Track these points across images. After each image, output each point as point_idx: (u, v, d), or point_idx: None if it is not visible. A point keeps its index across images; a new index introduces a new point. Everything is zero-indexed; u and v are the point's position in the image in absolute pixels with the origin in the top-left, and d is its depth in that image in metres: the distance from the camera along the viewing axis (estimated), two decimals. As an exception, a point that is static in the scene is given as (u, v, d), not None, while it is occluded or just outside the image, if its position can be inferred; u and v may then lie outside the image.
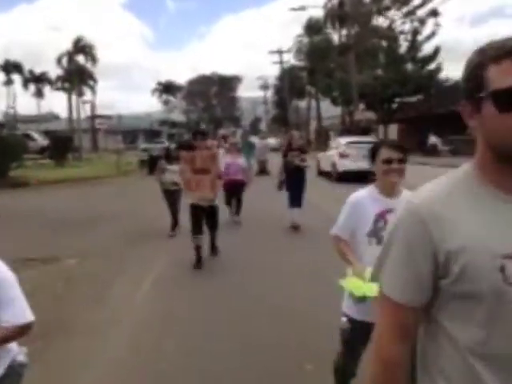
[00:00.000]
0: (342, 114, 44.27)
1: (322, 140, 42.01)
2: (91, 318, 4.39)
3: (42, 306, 4.71)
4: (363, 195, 2.45)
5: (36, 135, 32.13)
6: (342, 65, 36.65)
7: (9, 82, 51.35)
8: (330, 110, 52.06)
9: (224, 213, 8.15)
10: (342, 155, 15.86)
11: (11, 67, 50.50)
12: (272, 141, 35.59)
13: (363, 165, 12.12)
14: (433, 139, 26.26)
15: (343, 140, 17.49)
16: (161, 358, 3.52)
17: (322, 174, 18.18)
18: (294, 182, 8.25)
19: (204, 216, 6.12)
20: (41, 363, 3.52)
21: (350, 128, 36.40)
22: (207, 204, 6.03)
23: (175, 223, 8.08)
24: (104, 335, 3.98)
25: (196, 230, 5.96)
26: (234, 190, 8.83)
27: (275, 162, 19.45)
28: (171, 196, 8.06)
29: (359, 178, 11.87)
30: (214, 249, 6.60)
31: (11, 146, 16.12)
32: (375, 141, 21.19)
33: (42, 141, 30.28)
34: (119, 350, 3.70)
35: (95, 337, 3.97)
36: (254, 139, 19.95)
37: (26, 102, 67.03)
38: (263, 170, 18.85)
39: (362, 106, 34.67)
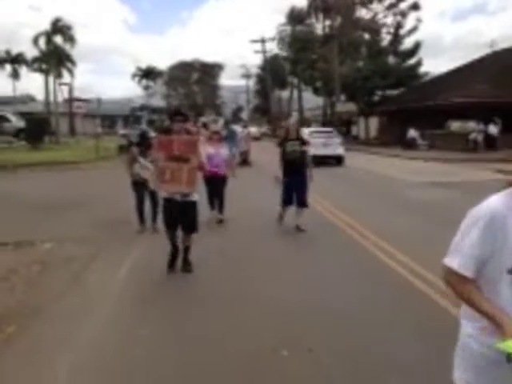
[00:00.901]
0: (324, 105, 44.43)
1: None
2: (66, 303, 4.35)
3: (17, 290, 4.65)
4: (501, 206, 1.57)
5: (11, 116, 31.29)
6: (325, 56, 36.68)
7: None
8: (312, 101, 52.19)
9: (205, 211, 7.49)
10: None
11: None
12: (253, 130, 35.44)
13: (322, 151, 17.31)
14: (412, 133, 26.61)
15: (306, 130, 19.74)
16: (136, 343, 3.52)
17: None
18: (293, 177, 7.06)
19: (178, 212, 5.02)
20: (15, 348, 3.48)
21: (331, 119, 36.61)
22: (182, 199, 4.97)
23: (142, 219, 7.20)
24: (79, 320, 3.95)
25: (169, 225, 5.10)
26: (216, 185, 7.76)
27: (255, 152, 19.61)
28: (141, 189, 7.02)
29: (318, 162, 14.79)
30: (185, 262, 5.24)
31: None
32: (331, 130, 21.56)
33: (17, 122, 29.52)
34: (94, 335, 3.68)
35: (70, 321, 3.94)
36: (236, 128, 18.68)
37: (1, 84, 64.96)
38: (245, 161, 17.91)
39: (343, 97, 34.84)
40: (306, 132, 19.04)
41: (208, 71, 71.51)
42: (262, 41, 50.09)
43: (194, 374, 3.09)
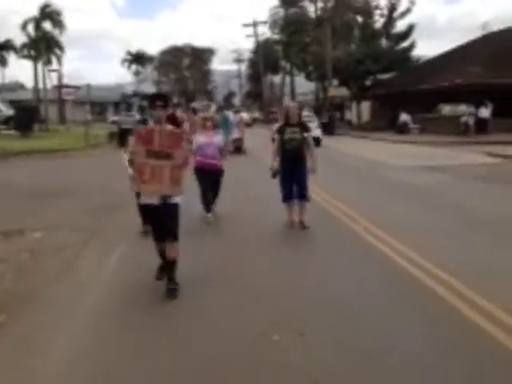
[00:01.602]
0: (316, 90, 44.20)
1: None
2: (57, 291, 4.34)
3: (7, 279, 4.64)
4: None
5: (0, 105, 30.86)
6: (318, 39, 36.37)
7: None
8: (304, 86, 51.92)
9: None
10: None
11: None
12: (245, 115, 35.32)
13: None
14: (403, 117, 26.61)
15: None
16: (127, 330, 3.53)
17: (273, 140, 24.95)
18: (293, 169, 6.29)
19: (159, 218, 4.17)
20: (7, 336, 3.48)
21: (323, 104, 36.47)
22: (161, 201, 4.05)
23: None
24: (70, 308, 3.95)
25: (156, 236, 4.30)
26: (210, 179, 6.87)
27: (248, 139, 19.32)
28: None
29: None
30: (170, 282, 4.20)
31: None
32: (312, 115, 22.73)
33: (6, 111, 29.12)
34: (85, 323, 3.69)
35: (61, 309, 3.94)
36: (229, 114, 17.40)
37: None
38: (239, 148, 16.79)
39: (335, 82, 34.67)
40: None
41: (199, 56, 70.78)
42: (254, 24, 49.61)
43: (188, 360, 3.11)
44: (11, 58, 49.99)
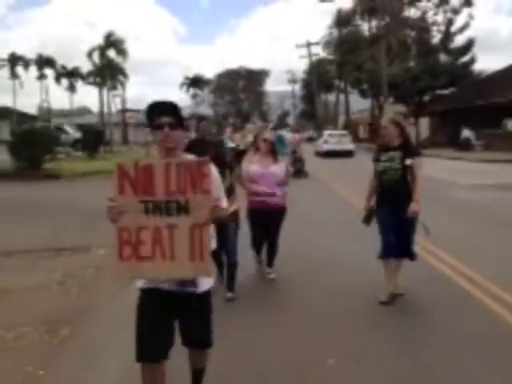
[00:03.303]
0: (372, 107, 43.58)
1: (351, 134, 41.44)
2: (119, 306, 4.46)
3: (72, 294, 4.84)
4: None
5: (68, 128, 32.96)
6: (372, 57, 36.01)
7: (42, 77, 52.68)
8: (359, 104, 51.37)
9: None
10: (325, 141, 27.31)
11: (44, 62, 51.76)
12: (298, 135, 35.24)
13: (336, 146, 26.31)
14: (466, 133, 25.51)
15: (326, 132, 29.58)
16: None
17: (316, 153, 27.76)
18: (391, 211, 4.37)
19: (170, 315, 2.48)
20: (70, 350, 3.61)
21: (379, 122, 35.82)
22: (180, 289, 2.40)
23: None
24: (132, 323, 4.04)
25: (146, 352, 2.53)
26: (266, 222, 5.10)
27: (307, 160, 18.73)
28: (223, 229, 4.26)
29: (334, 155, 25.23)
30: None
31: (44, 139, 16.55)
32: (345, 133, 27.54)
33: (74, 134, 31.06)
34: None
35: (123, 324, 4.03)
36: (283, 133, 16.02)
37: (59, 97, 68.73)
38: (300, 171, 15.01)
39: (391, 99, 34.03)
40: (326, 134, 28.52)
41: (254, 78, 72.23)
42: (308, 45, 49.96)
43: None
44: (79, 84, 53.44)
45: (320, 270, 5.49)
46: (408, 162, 4.28)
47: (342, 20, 45.00)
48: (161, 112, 2.35)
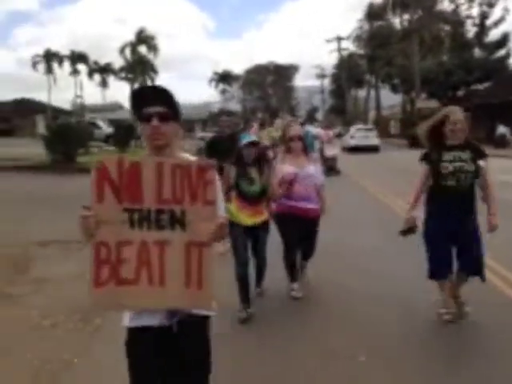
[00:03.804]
0: (403, 102, 42.78)
1: (382, 130, 40.78)
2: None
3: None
4: None
5: (101, 123, 33.68)
6: (404, 51, 35.31)
7: (75, 72, 53.97)
8: (390, 99, 50.49)
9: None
10: (352, 137, 27.08)
11: (77, 58, 53.02)
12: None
13: (362, 142, 26.28)
14: (501, 129, 24.71)
15: (352, 128, 28.97)
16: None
17: (343, 149, 26.36)
18: (452, 222, 3.65)
19: (160, 354, 1.95)
20: (103, 337, 3.72)
21: (410, 117, 35.12)
22: (173, 321, 1.90)
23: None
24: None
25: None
26: (300, 229, 4.41)
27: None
28: (241, 231, 4.01)
29: (360, 150, 25.18)
30: None
31: (78, 134, 16.99)
32: (372, 128, 26.43)
33: (106, 129, 31.72)
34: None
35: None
36: (313, 129, 15.15)
37: (92, 92, 70.43)
38: (332, 168, 14.30)
39: (423, 94, 33.31)
40: (353, 129, 28.15)
41: (282, 73, 71.87)
42: (338, 39, 49.39)
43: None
44: (111, 79, 54.56)
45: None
46: (482, 163, 3.60)
47: (373, 14, 44.24)
48: (148, 100, 1.87)
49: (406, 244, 4.54)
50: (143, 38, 45.71)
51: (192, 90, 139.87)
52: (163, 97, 1.90)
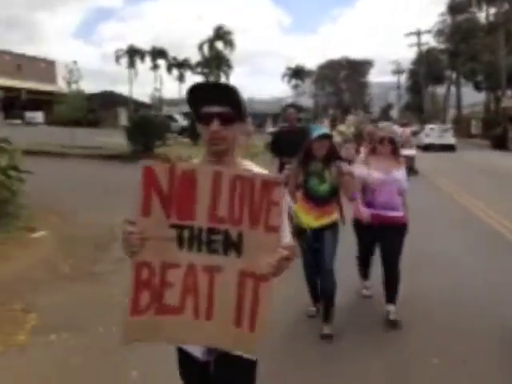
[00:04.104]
0: (486, 101, 40.27)
1: (462, 130, 38.69)
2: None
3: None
4: None
5: (177, 116, 35.15)
6: (489, 46, 33.19)
7: (155, 67, 56.52)
8: (470, 97, 47.71)
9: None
10: (426, 135, 26.89)
11: (157, 53, 55.48)
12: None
13: (438, 141, 25.89)
14: None
15: (428, 126, 28.69)
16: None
17: (417, 147, 25.82)
18: None
19: None
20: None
21: (495, 116, 32.99)
22: (211, 358, 1.70)
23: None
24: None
25: None
26: (381, 241, 4.04)
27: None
28: (316, 238, 3.70)
29: (435, 149, 24.64)
30: None
31: (156, 126, 17.88)
32: (448, 126, 25.69)
33: (182, 122, 33.06)
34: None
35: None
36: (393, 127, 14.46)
37: (169, 86, 73.65)
38: (410, 168, 13.21)
39: (510, 91, 31.13)
40: (427, 128, 27.89)
41: (356, 68, 70.32)
42: (417, 34, 47.43)
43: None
44: (187, 74, 56.55)
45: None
46: None
47: (457, 7, 41.95)
48: (208, 98, 1.59)
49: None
50: (221, 33, 46.88)
51: (264, 85, 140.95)
52: (226, 95, 1.59)
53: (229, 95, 1.60)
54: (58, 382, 3.00)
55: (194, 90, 1.61)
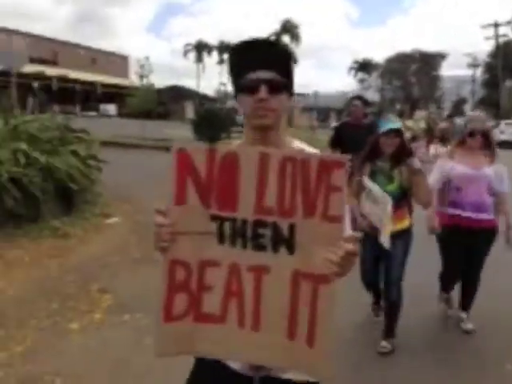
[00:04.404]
0: None
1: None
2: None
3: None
4: None
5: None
6: None
7: (222, 62, 57.49)
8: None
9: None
10: (501, 131, 26.38)
11: (224, 48, 56.38)
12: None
13: None
14: None
15: (503, 122, 28.90)
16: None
17: None
18: None
19: None
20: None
21: None
22: (259, 374, 1.34)
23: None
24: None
25: None
26: (469, 248, 3.56)
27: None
28: (370, 245, 3.29)
29: (510, 146, 22.17)
30: None
31: (221, 119, 18.28)
32: None
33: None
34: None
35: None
36: (461, 122, 14.33)
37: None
38: None
39: None
40: (502, 124, 27.98)
41: (428, 61, 67.35)
42: (495, 25, 44.53)
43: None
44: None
45: None
46: None
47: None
48: (255, 61, 1.29)
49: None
50: (288, 27, 46.79)
51: (329, 78, 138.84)
52: (278, 58, 1.31)
53: (281, 58, 1.32)
54: (132, 360, 3.21)
55: (239, 50, 1.33)
